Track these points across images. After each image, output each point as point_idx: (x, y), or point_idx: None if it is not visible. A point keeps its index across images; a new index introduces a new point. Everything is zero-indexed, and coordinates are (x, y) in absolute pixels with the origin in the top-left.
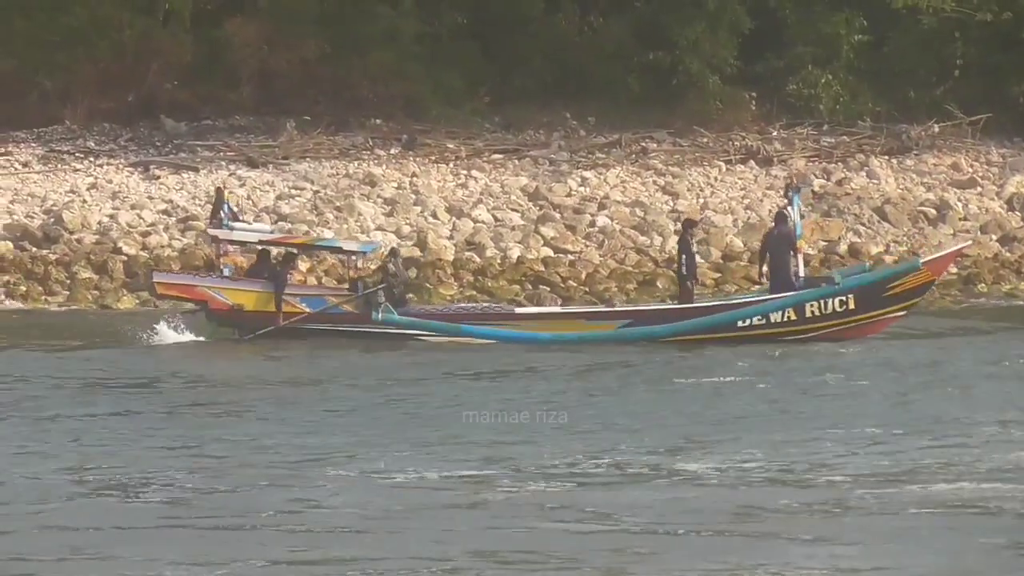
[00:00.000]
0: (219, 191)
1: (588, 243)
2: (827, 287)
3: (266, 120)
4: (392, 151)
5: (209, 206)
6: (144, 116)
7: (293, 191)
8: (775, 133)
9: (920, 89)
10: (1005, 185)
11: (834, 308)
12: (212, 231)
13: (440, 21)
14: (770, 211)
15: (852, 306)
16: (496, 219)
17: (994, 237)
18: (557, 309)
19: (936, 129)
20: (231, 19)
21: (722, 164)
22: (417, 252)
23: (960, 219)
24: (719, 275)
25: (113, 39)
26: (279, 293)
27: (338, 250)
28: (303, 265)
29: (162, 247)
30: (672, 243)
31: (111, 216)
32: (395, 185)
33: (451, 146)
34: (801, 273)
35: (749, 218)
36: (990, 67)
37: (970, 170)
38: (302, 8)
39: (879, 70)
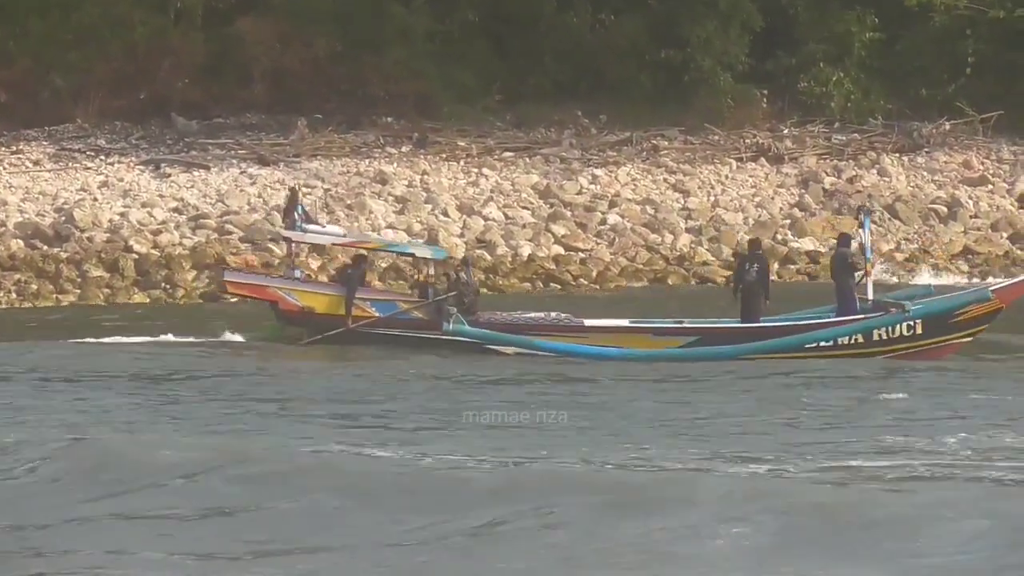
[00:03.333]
0: (293, 192)
1: (599, 241)
2: (897, 315)
3: (277, 118)
4: (403, 149)
5: (220, 204)
6: (156, 114)
7: (304, 189)
8: (786, 131)
9: (931, 87)
10: (1016, 183)
11: (901, 332)
12: (286, 233)
13: (452, 19)
14: (781, 209)
15: (919, 331)
16: (507, 217)
17: (1004, 235)
18: (625, 323)
19: (947, 127)
20: (243, 17)
21: (733, 162)
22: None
23: (971, 217)
24: (729, 272)
25: (125, 38)
26: (349, 296)
27: (409, 254)
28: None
29: (173, 245)
30: (683, 241)
31: (122, 214)
32: (406, 183)
33: (462, 144)
34: (870, 296)
35: (760, 216)
36: (1002, 64)
37: (981, 168)
38: (315, 6)
39: (891, 68)
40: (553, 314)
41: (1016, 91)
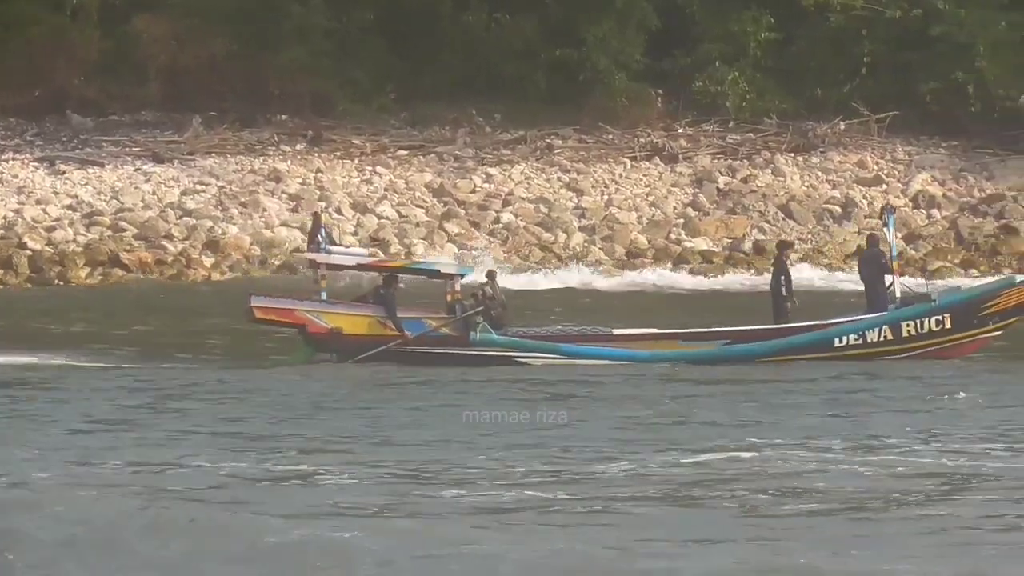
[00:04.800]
0: (316, 216)
1: (492, 239)
2: (923, 305)
3: (172, 116)
4: (298, 147)
5: (115, 201)
6: (51, 111)
7: (198, 186)
8: (681, 130)
9: (827, 87)
10: (911, 183)
11: (930, 327)
12: (311, 255)
13: (349, 18)
14: (674, 208)
15: (948, 325)
16: (401, 215)
17: (899, 235)
18: (654, 330)
19: (842, 127)
20: (140, 15)
21: (627, 161)
22: None
23: (865, 216)
24: (623, 272)
25: (21, 35)
26: (392, 316)
27: (435, 273)
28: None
29: (67, 242)
30: (576, 240)
31: (16, 211)
32: (300, 181)
33: (356, 142)
34: (898, 293)
35: (654, 215)
36: (898, 64)
37: (876, 167)
38: (211, 5)
39: (786, 68)
40: (585, 327)
41: (911, 91)
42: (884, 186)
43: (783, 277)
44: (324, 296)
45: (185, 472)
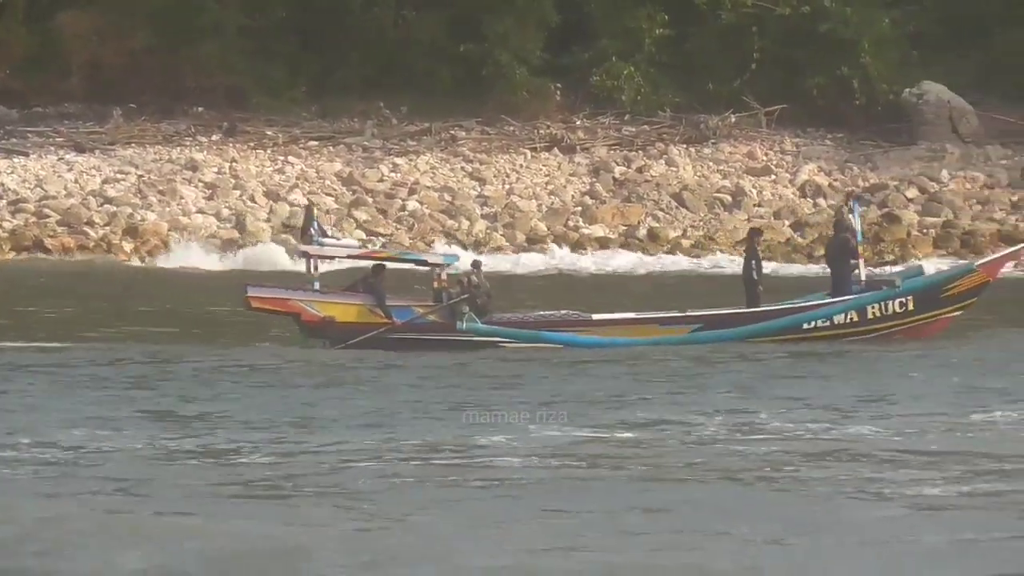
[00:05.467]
0: (308, 209)
1: (399, 226)
2: (888, 290)
3: (94, 108)
4: (213, 138)
5: (39, 189)
6: None
7: (119, 175)
8: (579, 122)
9: (719, 81)
10: (798, 173)
11: (894, 309)
12: (304, 247)
13: (263, 15)
14: (572, 197)
15: (911, 307)
16: (312, 203)
17: (787, 222)
18: (632, 315)
19: (733, 119)
20: (64, 12)
21: (528, 152)
22: (236, 234)
23: (755, 205)
24: (521, 254)
25: None
26: (382, 304)
27: (422, 263)
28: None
29: None
30: (479, 227)
31: None
32: (216, 170)
33: (269, 133)
34: (863, 277)
35: (553, 203)
36: (786, 60)
37: (765, 158)
38: (132, 2)
39: (680, 63)
40: (564, 311)
41: (799, 86)
42: (773, 176)
43: (754, 262)
44: (317, 286)
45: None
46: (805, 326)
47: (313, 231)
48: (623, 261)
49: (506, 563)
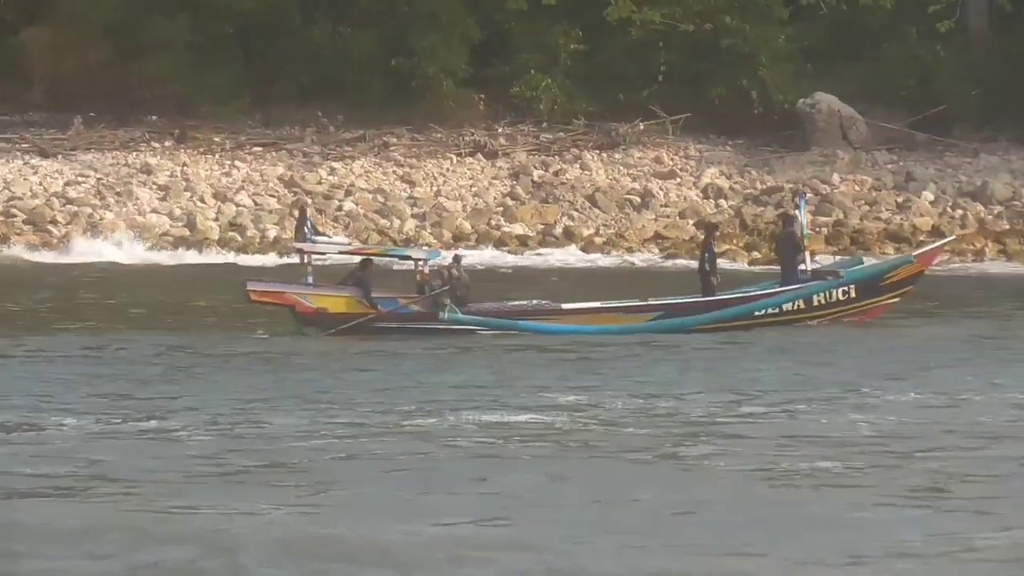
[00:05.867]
0: (302, 210)
1: (336, 225)
2: (832, 280)
3: (56, 117)
4: (166, 144)
5: (6, 191)
6: None
7: (79, 178)
8: (500, 130)
9: (628, 92)
10: (701, 176)
11: (838, 297)
12: (299, 244)
13: (210, 31)
14: (495, 198)
15: (854, 295)
16: (256, 204)
17: (691, 222)
18: (598, 304)
19: (642, 127)
20: (27, 28)
21: (453, 157)
22: (187, 232)
23: (661, 206)
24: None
25: None
26: (367, 295)
27: (407, 257)
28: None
29: None
30: (409, 225)
31: None
32: (168, 173)
33: (217, 140)
34: (809, 267)
35: (477, 204)
36: (690, 73)
37: (671, 163)
38: (89, 19)
39: (593, 75)
40: (535, 301)
41: (702, 96)
42: (678, 179)
43: (708, 255)
44: (310, 280)
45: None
46: (757, 313)
47: (307, 229)
48: (565, 257)
49: (425, 534)
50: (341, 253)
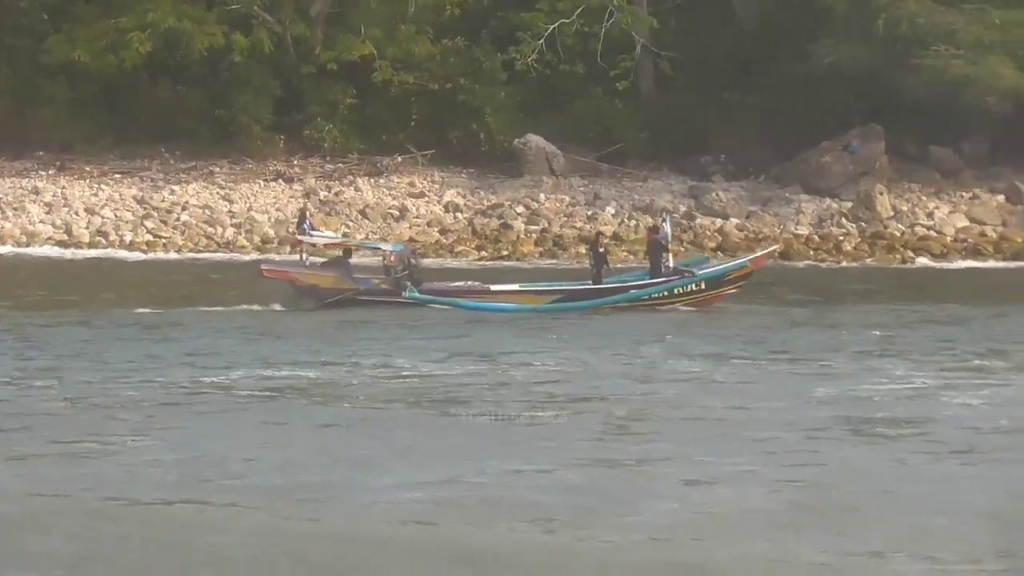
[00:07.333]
0: (302, 211)
1: (174, 231)
2: (689, 277)
3: None
4: (50, 172)
5: None
6: None
7: None
8: (296, 162)
9: (390, 134)
10: (443, 196)
11: (692, 289)
12: (299, 237)
13: (83, 90)
14: (292, 212)
15: (703, 287)
16: (116, 216)
17: (435, 230)
18: (516, 287)
19: (400, 160)
20: None
21: (262, 182)
22: (66, 237)
23: (415, 217)
24: (262, 251)
25: None
26: (350, 276)
27: (377, 249)
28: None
29: None
30: (229, 233)
31: None
32: (52, 194)
33: (88, 169)
34: (671, 264)
35: (279, 217)
36: (435, 120)
37: (421, 186)
38: None
39: (364, 122)
40: (469, 282)
41: (444, 137)
42: (426, 198)
43: (594, 254)
44: (307, 263)
45: None
46: (636, 300)
47: (305, 227)
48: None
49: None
50: (330, 245)
